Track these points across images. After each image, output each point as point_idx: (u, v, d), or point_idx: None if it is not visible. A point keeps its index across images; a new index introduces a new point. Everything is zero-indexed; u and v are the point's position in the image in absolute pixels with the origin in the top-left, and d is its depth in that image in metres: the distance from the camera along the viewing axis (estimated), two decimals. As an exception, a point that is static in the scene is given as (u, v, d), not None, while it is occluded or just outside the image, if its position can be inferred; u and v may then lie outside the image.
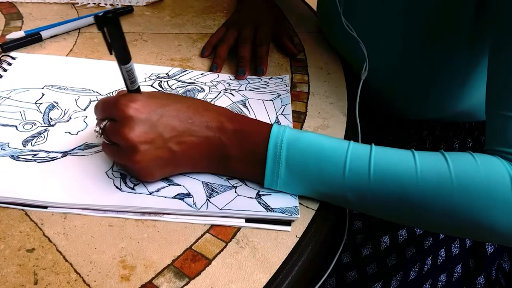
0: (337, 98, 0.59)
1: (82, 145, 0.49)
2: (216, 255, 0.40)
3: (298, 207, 0.43)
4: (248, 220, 0.43)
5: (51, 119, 0.52)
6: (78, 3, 0.76)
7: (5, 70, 0.59)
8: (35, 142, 0.49)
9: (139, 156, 0.41)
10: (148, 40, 0.68)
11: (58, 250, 0.39)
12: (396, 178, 0.40)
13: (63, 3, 0.76)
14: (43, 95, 0.55)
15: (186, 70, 0.62)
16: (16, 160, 0.46)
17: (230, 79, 0.61)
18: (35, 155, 0.47)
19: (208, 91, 0.59)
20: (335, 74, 0.64)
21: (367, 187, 0.41)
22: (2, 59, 0.60)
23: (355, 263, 0.57)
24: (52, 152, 0.48)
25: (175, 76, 0.61)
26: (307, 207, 0.45)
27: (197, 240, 0.41)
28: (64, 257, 0.39)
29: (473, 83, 0.55)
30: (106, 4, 0.76)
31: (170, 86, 0.59)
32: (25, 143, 0.48)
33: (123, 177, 0.45)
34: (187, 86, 0.59)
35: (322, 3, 0.71)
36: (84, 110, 0.54)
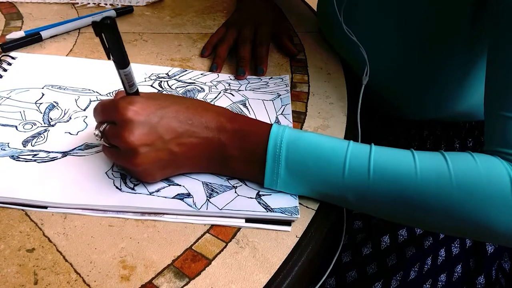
0: (337, 98, 0.59)
1: (82, 145, 0.49)
2: (216, 255, 0.40)
3: (298, 207, 0.43)
4: (248, 220, 0.43)
5: (51, 119, 0.52)
6: (78, 3, 0.76)
7: (5, 70, 0.59)
8: (35, 142, 0.49)
9: (140, 158, 0.41)
10: (148, 40, 0.68)
11: (58, 250, 0.39)
12: (395, 178, 0.40)
13: (63, 3, 0.76)
14: (43, 95, 0.55)
15: (186, 70, 0.62)
16: (16, 160, 0.46)
17: (230, 79, 0.61)
18: (35, 155, 0.47)
19: (208, 91, 0.59)
20: (335, 74, 0.64)
21: (366, 187, 0.41)
22: (2, 59, 0.60)
23: (355, 263, 0.57)
24: (52, 152, 0.48)
25: (175, 76, 0.61)
26: (307, 207, 0.45)
27: (197, 240, 0.41)
28: (64, 257, 0.39)
29: (472, 83, 0.55)
30: (106, 4, 0.76)
31: (170, 86, 0.59)
32: (25, 143, 0.48)
33: (123, 177, 0.45)
34: (187, 86, 0.59)
35: (321, 6, 0.71)
36: (84, 110, 0.54)
